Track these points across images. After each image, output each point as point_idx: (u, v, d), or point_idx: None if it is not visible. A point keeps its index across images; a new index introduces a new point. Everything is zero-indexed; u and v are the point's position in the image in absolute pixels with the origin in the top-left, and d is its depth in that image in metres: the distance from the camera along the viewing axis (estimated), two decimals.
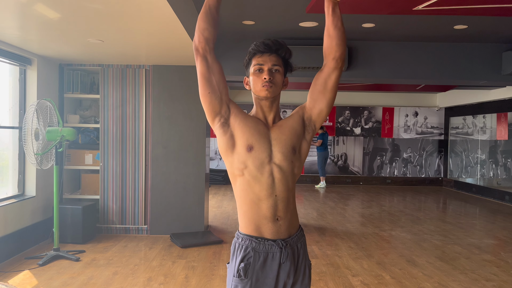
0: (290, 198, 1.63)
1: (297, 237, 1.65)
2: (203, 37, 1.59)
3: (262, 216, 1.59)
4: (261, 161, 1.58)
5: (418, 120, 11.16)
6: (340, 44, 1.65)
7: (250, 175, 1.58)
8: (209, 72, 1.61)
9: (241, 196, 1.62)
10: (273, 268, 1.59)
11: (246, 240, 1.61)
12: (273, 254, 1.60)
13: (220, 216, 6.58)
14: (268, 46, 1.64)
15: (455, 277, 3.94)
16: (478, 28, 4.87)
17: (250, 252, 1.60)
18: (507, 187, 8.64)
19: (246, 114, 1.67)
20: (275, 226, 1.60)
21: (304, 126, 1.68)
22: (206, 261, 4.30)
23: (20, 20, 3.44)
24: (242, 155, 1.59)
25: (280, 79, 1.64)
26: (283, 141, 1.62)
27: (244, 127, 1.61)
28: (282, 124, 1.67)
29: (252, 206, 1.60)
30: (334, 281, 3.76)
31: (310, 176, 10.93)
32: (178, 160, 5.29)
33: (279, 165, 1.60)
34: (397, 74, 5.60)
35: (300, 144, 1.66)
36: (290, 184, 1.62)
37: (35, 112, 4.07)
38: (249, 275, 1.59)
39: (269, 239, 1.60)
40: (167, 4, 2.90)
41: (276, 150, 1.61)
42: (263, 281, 1.59)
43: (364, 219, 6.66)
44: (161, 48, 4.35)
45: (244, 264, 1.59)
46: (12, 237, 4.28)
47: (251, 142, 1.59)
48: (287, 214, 1.61)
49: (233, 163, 1.61)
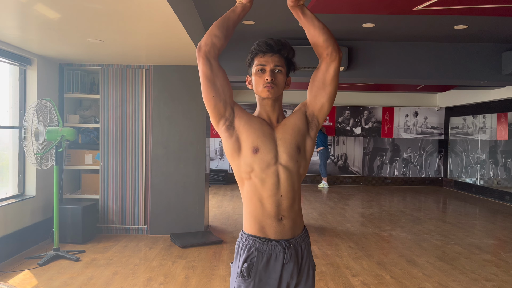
0: (295, 197, 1.63)
1: (301, 238, 1.65)
2: (211, 40, 1.58)
3: (267, 215, 1.59)
4: (267, 163, 1.58)
5: (418, 120, 11.16)
6: (326, 39, 1.62)
7: (257, 178, 1.59)
8: (213, 75, 1.59)
9: (248, 197, 1.62)
10: (276, 269, 1.59)
11: (249, 240, 1.61)
12: (276, 254, 1.60)
13: (220, 216, 6.58)
14: (271, 46, 1.62)
15: (455, 277, 3.94)
16: (478, 28, 4.87)
17: (253, 252, 1.60)
18: (507, 187, 8.64)
19: (251, 115, 1.66)
20: (279, 225, 1.59)
21: (307, 123, 1.67)
22: (206, 261, 4.30)
23: (20, 20, 3.44)
24: (248, 157, 1.58)
25: (282, 80, 1.63)
26: (288, 141, 1.61)
27: (249, 129, 1.60)
28: (286, 123, 1.66)
29: (258, 206, 1.60)
30: (334, 281, 3.76)
31: (310, 176, 10.92)
32: (178, 160, 5.29)
33: (285, 166, 1.59)
34: (397, 74, 5.60)
35: (304, 142, 1.65)
36: (296, 184, 1.62)
37: (35, 112, 4.07)
38: (252, 275, 1.59)
39: (272, 240, 1.59)
40: (167, 4, 2.90)
41: (282, 150, 1.60)
42: (266, 282, 1.59)
43: (364, 219, 6.66)
44: (161, 48, 4.35)
45: (247, 264, 1.59)
46: (12, 237, 4.28)
47: (256, 144, 1.59)
48: (291, 213, 1.61)
49: (240, 167, 1.61)
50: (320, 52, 1.65)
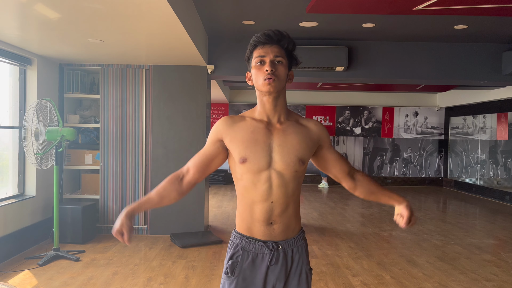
0: (289, 203, 1.57)
1: (293, 240, 1.60)
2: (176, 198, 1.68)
3: (255, 219, 1.56)
4: (258, 169, 1.53)
5: (418, 120, 11.16)
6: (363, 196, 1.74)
7: (248, 181, 1.56)
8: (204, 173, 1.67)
9: (239, 198, 1.62)
10: (261, 269, 1.56)
11: (237, 238, 1.60)
12: (262, 255, 1.57)
13: (220, 216, 6.58)
14: (270, 37, 1.54)
15: (455, 277, 3.94)
16: (478, 28, 4.87)
17: (239, 250, 1.58)
18: (507, 187, 8.63)
19: (237, 122, 1.60)
20: (267, 229, 1.56)
21: (313, 146, 1.64)
22: (206, 261, 4.30)
23: (20, 20, 3.44)
24: (238, 166, 1.57)
25: (283, 72, 1.53)
26: (287, 149, 1.54)
27: (235, 142, 1.56)
28: (292, 130, 1.58)
29: (246, 209, 1.58)
30: (334, 281, 3.76)
31: (310, 176, 10.92)
32: (178, 160, 5.29)
33: (279, 172, 1.54)
34: (397, 74, 5.60)
35: (307, 154, 1.60)
36: (290, 190, 1.56)
37: (35, 112, 4.07)
38: (236, 273, 1.57)
39: (260, 240, 1.57)
40: (167, 4, 2.90)
41: (278, 157, 1.54)
42: (251, 281, 1.57)
43: (364, 219, 6.66)
44: (161, 48, 4.35)
45: (231, 262, 1.58)
46: (12, 237, 4.28)
47: (244, 155, 1.54)
48: (284, 219, 1.57)
49: (235, 169, 1.61)
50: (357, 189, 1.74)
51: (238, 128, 1.57)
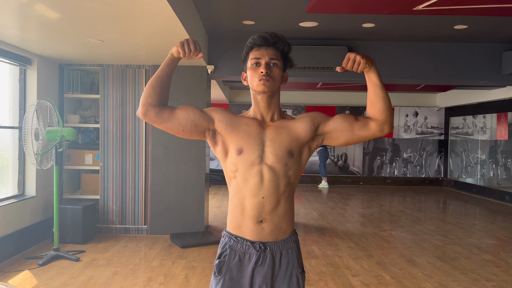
0: (280, 201, 1.56)
1: (283, 242, 1.58)
2: (146, 103, 1.55)
3: (246, 216, 1.56)
4: (251, 162, 1.55)
5: (418, 120, 11.16)
6: (382, 110, 1.57)
7: (240, 177, 1.56)
8: (170, 121, 1.58)
9: (231, 197, 1.62)
10: (248, 270, 1.56)
11: (226, 237, 1.61)
12: (249, 255, 1.56)
13: (220, 216, 6.58)
14: (265, 39, 1.59)
15: (455, 277, 3.94)
16: (478, 28, 4.87)
17: (227, 249, 1.59)
18: (507, 187, 8.64)
19: (235, 116, 1.62)
20: (257, 228, 1.55)
21: (313, 134, 1.62)
22: (206, 261, 4.30)
23: (20, 20, 3.44)
24: (234, 158, 1.57)
25: (278, 74, 1.58)
26: (278, 143, 1.57)
27: (232, 132, 1.58)
28: (283, 125, 1.61)
29: (237, 205, 1.58)
30: (334, 281, 3.76)
31: (310, 176, 10.93)
32: (178, 160, 5.29)
33: (271, 166, 1.55)
34: (397, 74, 5.60)
35: (300, 149, 1.60)
36: (282, 186, 1.56)
37: (35, 112, 4.07)
38: (222, 272, 1.57)
39: (248, 240, 1.56)
40: (167, 4, 2.90)
41: (269, 151, 1.56)
42: (238, 281, 1.56)
43: (364, 219, 6.66)
44: (161, 48, 4.35)
45: (218, 261, 1.59)
46: (12, 237, 4.28)
47: (240, 146, 1.56)
48: (274, 217, 1.56)
49: (226, 166, 1.61)
50: (372, 114, 1.60)
51: (236, 119, 1.62)
